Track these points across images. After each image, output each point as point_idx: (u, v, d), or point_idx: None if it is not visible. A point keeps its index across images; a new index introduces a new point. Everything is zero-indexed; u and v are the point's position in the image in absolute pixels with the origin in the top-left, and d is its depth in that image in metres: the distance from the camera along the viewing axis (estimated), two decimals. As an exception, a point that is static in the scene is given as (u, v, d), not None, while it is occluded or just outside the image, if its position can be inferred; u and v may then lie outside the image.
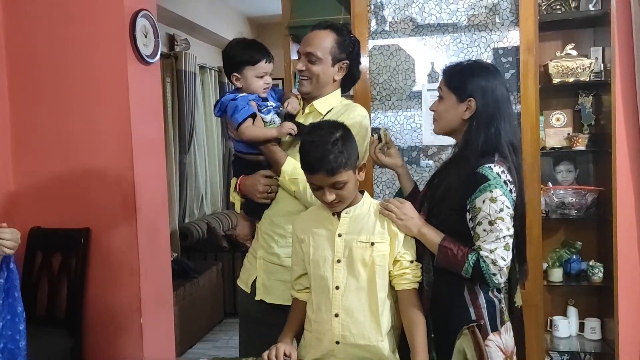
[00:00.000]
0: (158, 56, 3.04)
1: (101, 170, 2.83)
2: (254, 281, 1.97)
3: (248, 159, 1.96)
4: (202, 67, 5.17)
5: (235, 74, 1.92)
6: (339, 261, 1.60)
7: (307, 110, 1.98)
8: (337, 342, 1.58)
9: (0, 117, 2.87)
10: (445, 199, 1.63)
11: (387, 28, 2.77)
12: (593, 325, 2.87)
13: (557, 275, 2.85)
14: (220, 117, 1.97)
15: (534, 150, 2.54)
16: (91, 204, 2.85)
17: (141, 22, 2.88)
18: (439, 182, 1.72)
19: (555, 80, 2.81)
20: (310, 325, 1.67)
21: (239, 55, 1.91)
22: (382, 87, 2.81)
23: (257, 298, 1.95)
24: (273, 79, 2.01)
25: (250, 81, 1.91)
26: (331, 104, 1.96)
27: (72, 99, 2.85)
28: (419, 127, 2.79)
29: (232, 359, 1.59)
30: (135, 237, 2.83)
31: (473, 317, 1.56)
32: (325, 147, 1.52)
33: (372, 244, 1.58)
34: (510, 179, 1.57)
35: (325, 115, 1.93)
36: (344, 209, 1.62)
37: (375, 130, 1.97)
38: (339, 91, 2.00)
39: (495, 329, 1.58)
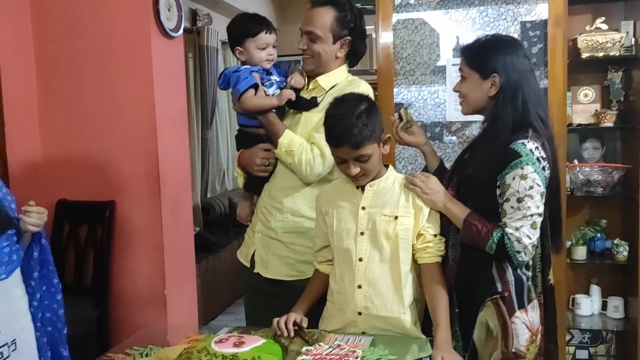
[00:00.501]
0: (181, 30, 3.04)
1: (126, 143, 2.86)
2: (253, 254, 2.01)
3: (249, 132, 1.97)
4: (224, 43, 5.15)
5: (238, 48, 1.94)
6: (362, 234, 1.61)
7: (310, 87, 1.98)
8: (360, 313, 1.61)
9: (27, 91, 2.91)
10: (476, 175, 1.62)
11: (411, 1, 2.73)
12: (616, 303, 2.85)
13: (580, 253, 2.82)
14: (224, 89, 1.99)
15: (560, 126, 2.50)
16: (116, 177, 2.89)
17: (164, -4, 2.88)
18: (469, 158, 1.71)
19: (584, 55, 2.74)
20: (332, 297, 1.69)
21: (239, 28, 1.93)
22: (406, 62, 2.78)
23: (255, 271, 1.99)
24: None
25: (252, 53, 1.93)
26: (335, 80, 1.96)
27: (98, 73, 2.87)
28: (443, 102, 2.75)
29: (254, 329, 1.62)
30: (159, 210, 2.87)
31: (499, 290, 1.55)
32: (350, 120, 1.51)
33: (396, 217, 1.59)
34: (544, 156, 1.55)
35: (329, 91, 1.94)
36: (368, 182, 1.63)
37: (396, 108, 1.95)
38: (344, 67, 2.00)
39: (522, 306, 1.57)
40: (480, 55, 1.65)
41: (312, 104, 1.92)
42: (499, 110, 1.60)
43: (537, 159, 1.52)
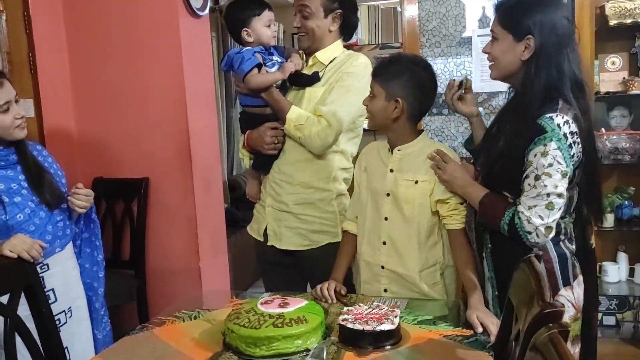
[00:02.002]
0: (207, 9, 3.08)
1: (158, 121, 2.93)
2: (265, 229, 2.08)
3: (254, 112, 2.02)
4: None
5: (246, 29, 1.98)
6: (388, 195, 1.71)
7: (310, 63, 2.04)
8: (382, 267, 1.73)
9: (60, 72, 2.99)
10: (506, 152, 1.54)
11: (437, -27, 2.74)
12: (644, 270, 2.87)
13: (608, 220, 2.84)
14: (227, 71, 2.04)
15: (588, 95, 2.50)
16: (149, 154, 2.97)
17: (190, -25, 2.92)
18: (496, 132, 1.64)
19: (612, 22, 2.73)
20: (361, 248, 1.81)
21: (243, 10, 1.98)
22: (432, 34, 2.80)
23: (269, 244, 2.07)
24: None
25: (260, 32, 1.98)
26: (333, 54, 2.01)
27: (128, 51, 2.93)
28: (469, 73, 2.77)
29: (292, 293, 1.69)
30: (192, 186, 2.94)
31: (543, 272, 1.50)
32: None
33: (416, 182, 1.66)
34: (576, 130, 1.44)
35: (328, 65, 1.99)
36: (397, 147, 1.70)
37: (460, 76, 1.95)
38: (339, 42, 2.05)
39: (567, 283, 1.51)
40: (515, 14, 1.51)
41: (315, 78, 1.98)
42: (531, 78, 1.50)
43: (565, 134, 1.42)
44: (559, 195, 1.44)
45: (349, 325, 1.37)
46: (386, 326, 1.36)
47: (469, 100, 1.81)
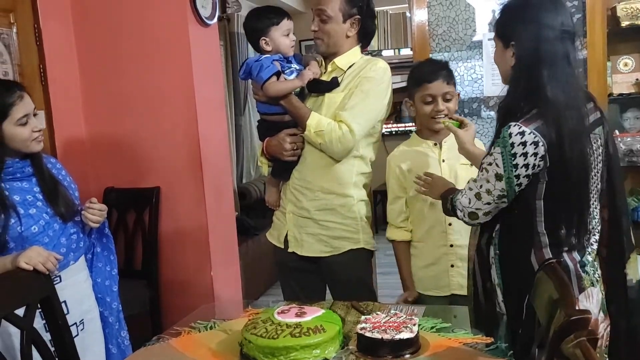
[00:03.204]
0: (216, 18, 3.08)
1: (168, 130, 2.93)
2: (286, 235, 2.07)
3: (272, 119, 2.01)
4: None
5: (264, 38, 1.98)
6: None
7: (329, 69, 2.03)
8: (451, 246, 1.95)
9: (71, 83, 3.00)
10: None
11: (446, -23, 2.73)
12: (661, 273, 2.83)
13: (624, 223, 2.80)
14: (245, 79, 2.04)
15: (601, 97, 2.48)
16: (160, 163, 2.97)
17: (199, -16, 2.93)
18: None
19: (624, 23, 2.71)
20: (417, 236, 2.03)
21: (262, 20, 1.98)
22: (441, 39, 2.78)
23: (289, 250, 2.06)
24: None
25: (278, 41, 1.98)
26: (352, 60, 2.01)
27: (138, 61, 2.94)
28: (480, 77, 2.76)
29: (309, 302, 1.68)
30: (203, 195, 2.94)
31: None
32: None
33: (471, 164, 1.83)
34: (538, 140, 1.41)
35: (347, 70, 1.99)
36: (443, 139, 1.99)
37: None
38: (358, 48, 2.05)
39: None
40: (500, 22, 1.54)
41: (334, 84, 1.98)
42: (511, 85, 1.50)
43: (512, 143, 1.42)
44: (488, 192, 1.50)
45: (367, 334, 1.35)
46: (405, 334, 1.34)
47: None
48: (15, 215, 1.69)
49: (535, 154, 1.42)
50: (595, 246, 1.57)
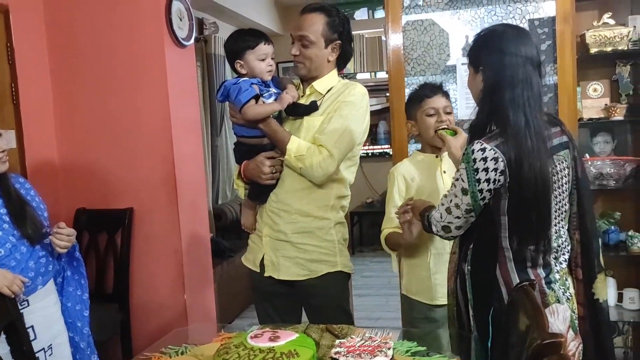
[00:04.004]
0: (192, 39, 3.09)
1: (142, 151, 2.90)
2: (262, 259, 2.05)
3: (250, 142, 1.99)
4: (230, 50, 5.20)
5: (239, 61, 1.96)
6: (444, 172, 2.05)
7: (307, 92, 2.04)
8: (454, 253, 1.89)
9: (43, 100, 2.96)
10: None
11: (420, 2, 2.77)
12: (632, 295, 2.86)
13: (595, 246, 2.84)
14: (222, 101, 2.01)
15: (571, 121, 2.53)
16: (133, 184, 2.94)
17: (176, 5, 2.93)
18: None
19: (593, 50, 2.78)
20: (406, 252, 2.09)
21: (238, 42, 1.97)
22: (416, 63, 2.82)
23: (266, 274, 2.03)
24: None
25: (253, 65, 1.96)
26: (330, 84, 2.02)
27: (113, 82, 2.92)
28: (454, 101, 2.78)
29: (283, 325, 1.66)
30: (177, 216, 2.91)
31: (505, 297, 1.52)
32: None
33: None
34: (497, 156, 1.49)
35: (326, 94, 2.00)
36: (442, 153, 2.07)
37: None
38: (335, 71, 2.06)
39: None
40: (473, 47, 1.65)
41: (313, 108, 1.97)
42: (478, 107, 1.61)
43: (474, 159, 1.51)
44: (457, 206, 1.57)
45: (342, 359, 1.33)
46: (380, 359, 1.33)
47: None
48: None
49: (495, 169, 1.51)
50: (564, 265, 1.62)
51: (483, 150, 1.51)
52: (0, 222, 1.70)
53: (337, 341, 1.44)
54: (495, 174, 1.51)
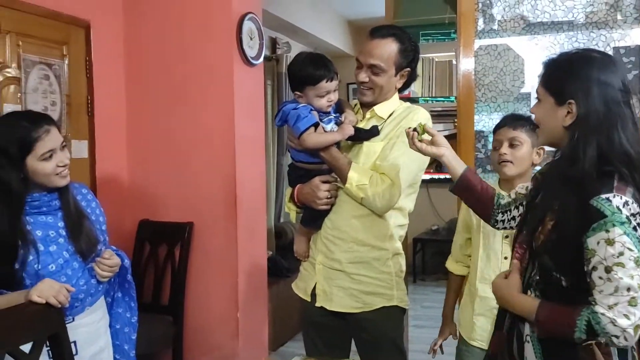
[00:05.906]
0: (262, 58, 3.11)
1: (206, 167, 2.94)
2: (314, 288, 1.96)
3: (309, 168, 1.91)
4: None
5: (297, 92, 1.88)
6: (507, 237, 1.90)
7: (368, 115, 1.95)
8: None
9: (117, 113, 3.07)
10: (554, 233, 1.34)
11: (495, 27, 2.66)
12: None
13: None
14: (281, 126, 1.94)
15: (658, 158, 2.32)
16: (195, 199, 2.97)
17: (247, 25, 2.97)
18: (542, 207, 1.42)
19: (685, 82, 2.55)
20: (470, 285, 2.03)
21: (299, 73, 1.86)
22: (488, 89, 2.70)
23: (317, 305, 1.94)
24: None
25: (311, 100, 1.86)
26: (392, 108, 1.93)
27: (181, 97, 2.98)
28: (527, 130, 2.64)
29: (326, 359, 1.58)
30: (235, 233, 2.91)
31: None
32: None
33: None
34: (637, 211, 1.26)
35: (387, 119, 1.91)
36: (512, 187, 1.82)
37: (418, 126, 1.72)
38: (397, 95, 1.98)
39: None
40: (557, 75, 1.37)
41: (374, 133, 1.88)
42: (577, 149, 1.31)
43: (627, 217, 1.23)
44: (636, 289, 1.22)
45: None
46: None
47: (437, 142, 1.61)
48: (34, 252, 1.65)
49: (638, 228, 1.25)
50: None
51: (627, 204, 1.24)
52: (56, 237, 1.71)
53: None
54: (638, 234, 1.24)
